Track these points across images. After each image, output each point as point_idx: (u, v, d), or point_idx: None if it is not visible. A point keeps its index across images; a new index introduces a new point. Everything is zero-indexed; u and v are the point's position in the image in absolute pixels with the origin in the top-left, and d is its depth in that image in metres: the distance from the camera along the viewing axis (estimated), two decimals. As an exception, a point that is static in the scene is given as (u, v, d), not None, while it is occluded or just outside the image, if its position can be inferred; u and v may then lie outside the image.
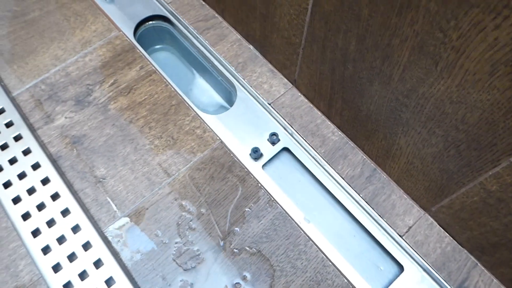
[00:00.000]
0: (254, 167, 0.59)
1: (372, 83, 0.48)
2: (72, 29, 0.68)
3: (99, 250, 0.50)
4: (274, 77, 0.64)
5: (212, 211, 0.55)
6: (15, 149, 0.56)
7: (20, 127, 0.58)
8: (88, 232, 0.51)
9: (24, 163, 0.55)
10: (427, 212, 0.56)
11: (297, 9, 0.51)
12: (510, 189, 0.40)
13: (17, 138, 0.57)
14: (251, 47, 0.67)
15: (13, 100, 0.61)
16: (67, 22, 0.68)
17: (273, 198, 0.56)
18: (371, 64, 0.46)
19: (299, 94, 0.63)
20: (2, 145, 0.57)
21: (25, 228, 0.51)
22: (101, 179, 0.56)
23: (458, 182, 0.47)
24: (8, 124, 0.58)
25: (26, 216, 0.52)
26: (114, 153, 0.58)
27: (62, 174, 0.56)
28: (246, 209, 0.55)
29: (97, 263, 0.50)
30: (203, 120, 0.61)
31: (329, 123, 0.61)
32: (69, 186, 0.55)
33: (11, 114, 0.59)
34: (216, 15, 0.69)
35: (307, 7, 0.49)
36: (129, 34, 0.68)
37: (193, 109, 0.62)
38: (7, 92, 0.62)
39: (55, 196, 0.53)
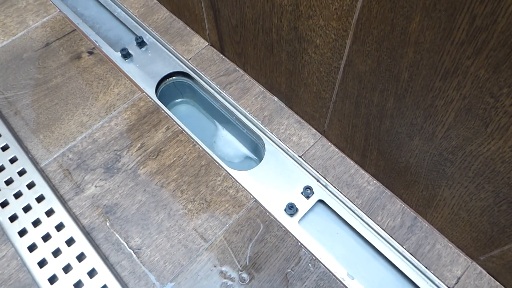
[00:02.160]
0: (291, 224, 0.57)
1: (412, 138, 0.47)
2: (95, 94, 0.68)
3: (143, 328, 0.49)
4: (302, 128, 0.63)
5: (254, 276, 0.53)
6: (48, 225, 0.55)
7: (51, 201, 0.57)
8: (129, 310, 0.50)
9: (58, 239, 0.54)
10: (475, 261, 0.54)
11: (328, 67, 0.50)
12: None
13: (49, 213, 0.56)
14: (276, 98, 0.66)
15: (41, 171, 0.60)
16: (90, 87, 0.68)
17: (314, 257, 0.54)
18: (411, 121, 0.45)
19: (330, 144, 0.62)
20: (34, 221, 0.56)
21: (64, 310, 0.50)
22: (136, 250, 0.55)
23: (510, 236, 0.45)
24: (39, 199, 0.57)
25: (64, 296, 0.51)
26: (148, 221, 0.57)
27: (96, 247, 0.55)
28: (288, 271, 0.54)
29: None
30: (234, 178, 0.60)
31: (364, 172, 0.60)
32: (105, 259, 0.54)
33: (41, 187, 0.58)
34: (237, 68, 0.69)
35: (338, 67, 0.48)
36: (152, 93, 0.68)
37: (223, 168, 0.61)
38: (35, 164, 0.61)
39: (92, 272, 0.52)
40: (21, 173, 0.59)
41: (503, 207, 0.43)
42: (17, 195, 0.58)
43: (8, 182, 0.59)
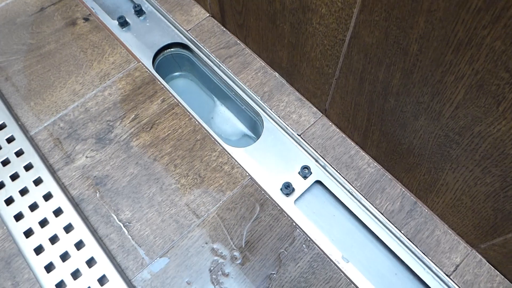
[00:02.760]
0: (287, 204, 0.55)
1: (417, 118, 0.45)
2: (89, 62, 0.65)
3: (129, 303, 0.47)
4: (302, 106, 0.61)
5: (246, 254, 0.51)
6: (36, 194, 0.53)
7: (40, 170, 0.55)
8: (116, 282, 0.48)
9: (46, 209, 0.52)
10: (475, 249, 0.52)
11: (332, 40, 0.47)
12: None
13: (37, 182, 0.54)
14: (277, 74, 0.64)
15: (31, 140, 0.58)
16: (84, 54, 0.66)
17: (309, 237, 0.53)
18: (418, 99, 0.43)
19: (330, 123, 0.60)
20: (22, 190, 0.54)
21: (49, 280, 0.48)
22: (126, 223, 0.53)
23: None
24: (28, 167, 0.55)
25: (49, 267, 0.49)
26: (139, 194, 0.55)
27: (85, 219, 0.53)
28: (282, 251, 0.52)
29: (128, 318, 0.47)
30: (230, 155, 0.58)
31: (364, 154, 0.58)
32: (93, 232, 0.52)
33: (30, 155, 0.56)
34: (238, 41, 0.67)
35: (344, 39, 0.46)
36: (148, 64, 0.66)
37: (219, 144, 0.59)
38: (25, 132, 0.59)
39: (79, 244, 0.50)
40: (10, 140, 0.57)
41: (509, 192, 0.41)
42: (5, 162, 0.56)
43: (-4, 148, 0.57)
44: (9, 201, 0.53)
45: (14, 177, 0.55)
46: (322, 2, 0.45)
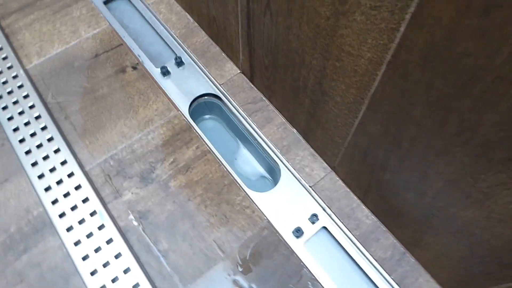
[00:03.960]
0: (297, 245, 0.66)
1: (407, 192, 0.55)
2: (136, 107, 0.77)
3: (165, 322, 0.59)
4: (315, 161, 0.72)
5: (261, 287, 0.62)
6: (91, 224, 0.65)
7: (94, 202, 0.67)
8: (154, 304, 0.60)
9: (99, 238, 0.64)
10: (451, 296, 0.63)
11: (344, 121, 0.58)
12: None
13: (92, 214, 0.66)
14: (295, 130, 0.75)
15: (86, 174, 0.70)
16: (132, 100, 0.77)
17: (314, 276, 0.64)
18: (408, 179, 0.53)
19: (337, 178, 0.71)
20: (80, 220, 0.65)
21: (101, 298, 0.60)
22: (164, 253, 0.64)
23: (481, 284, 0.54)
24: (84, 200, 0.67)
25: None
26: (175, 229, 0.66)
27: (130, 248, 0.64)
28: (291, 286, 0.63)
29: (163, 334, 0.58)
30: (252, 199, 0.69)
31: (364, 207, 0.68)
32: (137, 259, 0.64)
33: (86, 189, 0.68)
34: (264, 98, 0.78)
35: (353, 123, 0.57)
36: (185, 111, 0.77)
37: (243, 189, 0.70)
38: (81, 167, 0.71)
39: (126, 270, 0.62)
40: (70, 175, 0.69)
41: (476, 260, 0.52)
42: (66, 195, 0.67)
43: (59, 182, 0.68)
44: (69, 229, 0.65)
45: (74, 208, 0.66)
46: (338, 93, 0.55)
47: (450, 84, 0.38)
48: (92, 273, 0.61)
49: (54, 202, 0.67)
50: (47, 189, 0.68)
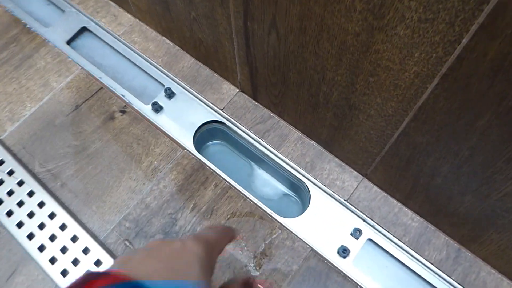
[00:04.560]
0: (347, 266, 0.62)
1: (464, 195, 0.51)
2: (138, 156, 0.69)
3: None
4: (343, 172, 0.67)
5: (323, 323, 0.58)
6: (124, 300, 0.58)
7: (121, 275, 0.60)
8: None
9: (138, 314, 0.57)
10: (516, 283, 0.60)
11: (380, 132, 0.53)
12: None
13: (123, 288, 0.59)
14: (314, 143, 0.69)
15: (102, 245, 0.63)
16: (131, 149, 0.69)
17: (374, 297, 0.60)
18: (466, 184, 0.49)
19: (372, 185, 0.66)
20: (111, 299, 0.58)
21: None
22: (211, 312, 0.59)
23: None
24: (110, 275, 0.60)
25: None
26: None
27: (174, 315, 0.58)
28: (353, 314, 0.59)
29: None
30: (288, 229, 0.64)
31: (407, 210, 0.64)
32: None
33: (108, 262, 0.61)
34: (272, 114, 0.71)
35: (392, 134, 0.52)
36: (191, 148, 0.70)
37: (275, 220, 0.64)
38: (95, 238, 0.63)
39: None
40: (85, 251, 0.61)
41: (553, 253, 0.48)
42: (88, 274, 0.60)
43: (75, 262, 0.61)
44: (102, 311, 0.58)
45: None
46: (371, 107, 0.50)
47: (531, 93, 0.34)
48: None
49: (77, 285, 0.59)
50: (64, 272, 0.60)
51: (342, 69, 0.48)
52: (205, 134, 0.75)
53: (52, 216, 0.64)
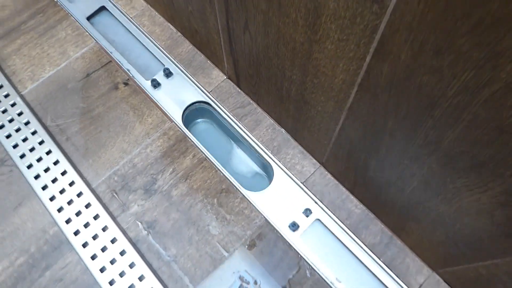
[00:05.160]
0: (294, 239, 0.73)
1: (389, 187, 0.61)
2: (132, 123, 0.81)
3: (182, 320, 0.66)
4: (304, 158, 0.77)
5: (264, 280, 0.69)
6: (104, 238, 0.71)
7: (105, 218, 0.72)
8: (171, 306, 0.66)
9: (113, 250, 0.70)
10: (435, 272, 0.70)
11: (326, 126, 0.63)
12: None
13: (104, 229, 0.72)
14: (283, 130, 0.79)
15: (93, 192, 0.75)
16: (127, 116, 0.81)
17: (311, 266, 0.70)
18: (388, 177, 0.59)
19: (326, 172, 0.76)
20: (94, 236, 0.71)
21: (122, 305, 0.66)
22: (173, 258, 0.71)
23: (457, 262, 0.60)
24: (96, 217, 0.72)
25: (121, 295, 0.67)
26: (181, 235, 0.72)
27: (142, 256, 0.71)
28: (290, 277, 0.70)
29: (182, 331, 0.65)
30: (249, 200, 0.75)
31: (353, 197, 0.75)
32: (149, 266, 0.70)
33: (96, 206, 0.73)
34: (251, 101, 0.82)
35: (334, 129, 0.62)
36: (179, 121, 0.81)
37: (240, 191, 0.75)
38: (88, 185, 0.76)
39: (141, 277, 0.68)
40: (79, 195, 0.74)
41: (451, 244, 0.58)
42: (77, 214, 0.73)
43: (69, 202, 0.74)
44: (84, 245, 0.71)
45: (86, 225, 0.72)
46: (318, 104, 0.60)
47: (413, 106, 0.43)
48: (111, 283, 0.68)
49: (68, 221, 0.72)
50: (60, 209, 0.73)
51: (296, 69, 0.58)
52: (194, 112, 0.87)
53: (56, 163, 0.76)
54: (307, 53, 0.53)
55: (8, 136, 0.78)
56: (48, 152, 0.77)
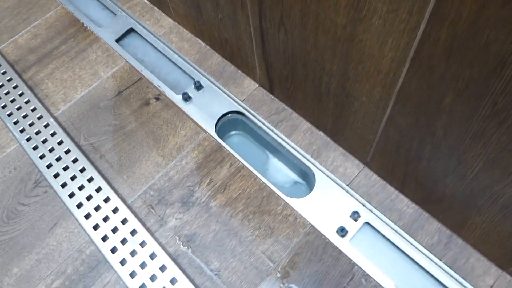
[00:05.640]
0: (343, 244, 0.68)
1: (446, 177, 0.57)
2: (165, 136, 0.79)
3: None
4: (346, 160, 0.74)
5: (316, 291, 0.64)
6: (143, 254, 0.67)
7: (142, 233, 0.69)
8: (218, 323, 0.62)
9: (153, 266, 0.66)
10: (505, 271, 0.63)
11: (372, 118, 0.60)
12: None
13: (142, 244, 0.68)
14: (322, 133, 0.76)
15: (129, 208, 0.73)
16: (160, 130, 0.80)
17: (365, 272, 0.65)
18: (446, 164, 0.55)
19: (372, 173, 0.72)
20: (131, 252, 0.68)
21: (166, 324, 0.62)
22: (216, 272, 0.66)
23: (534, 255, 0.54)
24: (133, 232, 0.69)
25: (164, 313, 0.63)
26: (223, 247, 0.68)
27: (184, 272, 0.67)
28: (345, 285, 0.64)
29: None
30: (292, 207, 0.71)
31: (403, 197, 0.70)
32: (192, 281, 0.66)
33: (132, 222, 0.70)
34: (286, 107, 0.80)
35: (381, 119, 0.58)
36: (213, 132, 0.79)
37: (281, 198, 0.72)
38: (124, 201, 0.73)
39: (185, 294, 0.64)
40: (115, 211, 0.72)
41: (526, 233, 0.53)
42: (114, 230, 0.70)
43: (105, 219, 0.71)
44: (123, 262, 0.67)
45: (124, 241, 0.69)
46: (363, 94, 0.57)
47: (477, 71, 0.40)
48: (154, 302, 0.64)
49: (104, 238, 0.69)
50: (95, 227, 0.70)
51: (337, 58, 0.56)
52: (227, 123, 0.85)
53: (90, 180, 0.75)
54: (350, 36, 0.50)
55: (42, 157, 0.77)
56: (82, 170, 0.76)
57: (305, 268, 0.66)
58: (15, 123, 0.82)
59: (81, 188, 0.74)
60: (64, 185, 0.74)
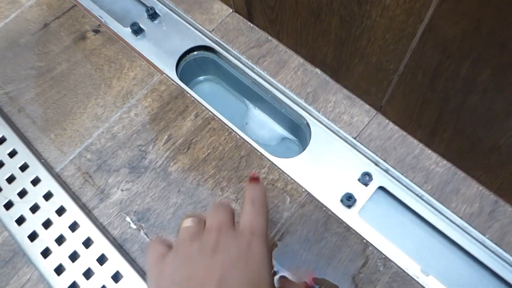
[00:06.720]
0: (351, 218, 0.50)
1: (510, 117, 0.38)
2: (108, 80, 0.58)
3: None
4: (353, 105, 0.54)
5: (316, 282, 0.46)
6: (74, 241, 0.48)
7: (73, 212, 0.50)
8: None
9: (88, 257, 0.47)
10: None
11: (398, 34, 0.40)
12: None
13: (73, 227, 0.49)
14: (318, 70, 0.57)
15: (57, 177, 0.53)
16: (101, 72, 0.59)
17: (383, 255, 0.47)
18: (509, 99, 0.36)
19: (387, 121, 0.53)
20: (58, 238, 0.48)
21: (106, 338, 0.43)
22: (179, 261, 0.48)
23: None
24: (60, 211, 0.50)
25: (104, 323, 0.44)
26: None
27: (132, 262, 0.48)
28: (356, 273, 0.47)
29: None
30: (281, 169, 0.52)
31: (430, 152, 0.51)
32: (144, 275, 0.47)
33: (60, 197, 0.51)
34: (270, 38, 0.59)
35: (415, 32, 0.39)
36: (172, 74, 0.59)
37: (266, 158, 0.53)
38: (49, 169, 0.53)
39: (133, 294, 0.45)
40: (35, 182, 0.52)
41: None
42: (34, 208, 0.50)
43: (22, 194, 0.51)
44: (46, 254, 0.48)
45: (47, 224, 0.49)
46: (387, -9, 0.37)
47: None
48: (88, 308, 0.45)
49: (20, 221, 0.50)
50: (8, 205, 0.51)
51: None
52: (193, 65, 0.64)
53: (2, 141, 0.54)
54: None
55: None
56: (-8, 128, 0.55)
57: (300, 251, 0.48)
58: None
59: (-13, 152, 0.53)
60: (-37, 148, 0.54)
